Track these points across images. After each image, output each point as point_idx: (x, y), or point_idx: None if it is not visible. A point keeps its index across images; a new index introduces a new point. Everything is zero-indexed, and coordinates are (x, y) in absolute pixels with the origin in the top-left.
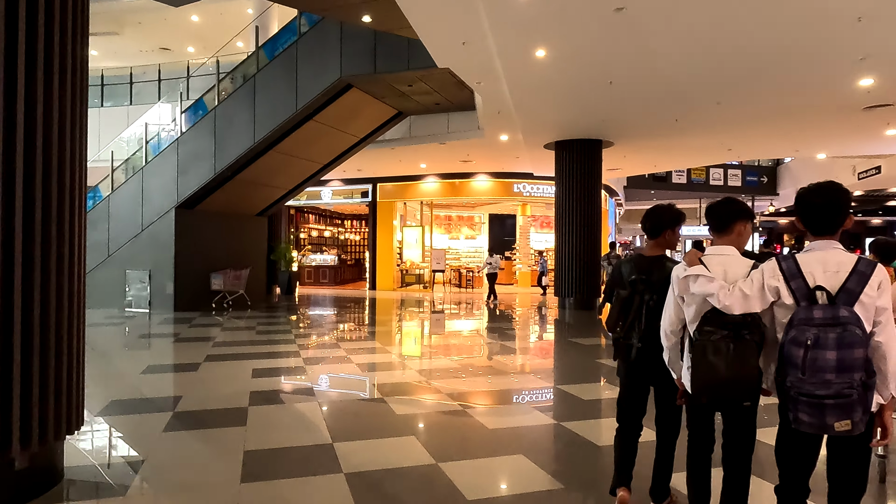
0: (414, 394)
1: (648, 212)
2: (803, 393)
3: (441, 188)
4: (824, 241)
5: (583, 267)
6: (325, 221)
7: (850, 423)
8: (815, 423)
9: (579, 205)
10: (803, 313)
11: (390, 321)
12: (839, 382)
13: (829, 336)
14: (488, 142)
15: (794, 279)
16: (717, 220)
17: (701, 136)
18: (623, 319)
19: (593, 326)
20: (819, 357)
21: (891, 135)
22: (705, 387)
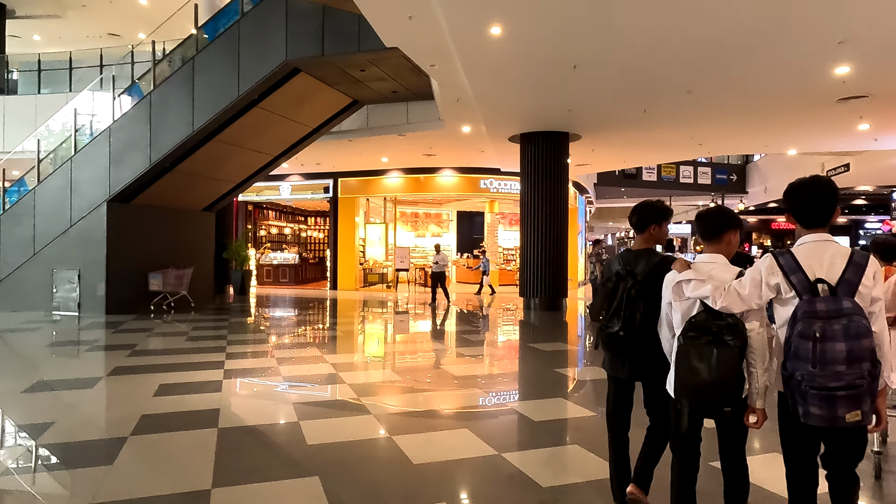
0: (338, 415)
1: (635, 207)
2: (815, 386)
3: (405, 183)
4: (817, 233)
5: (549, 266)
6: (287, 218)
7: (861, 413)
8: (825, 416)
9: (545, 201)
10: (807, 306)
11: (337, 325)
12: (850, 374)
13: (835, 328)
14: (450, 134)
15: (795, 273)
16: (708, 229)
17: (671, 129)
18: (606, 308)
19: (558, 329)
20: (829, 349)
21: (863, 130)
22: (687, 390)
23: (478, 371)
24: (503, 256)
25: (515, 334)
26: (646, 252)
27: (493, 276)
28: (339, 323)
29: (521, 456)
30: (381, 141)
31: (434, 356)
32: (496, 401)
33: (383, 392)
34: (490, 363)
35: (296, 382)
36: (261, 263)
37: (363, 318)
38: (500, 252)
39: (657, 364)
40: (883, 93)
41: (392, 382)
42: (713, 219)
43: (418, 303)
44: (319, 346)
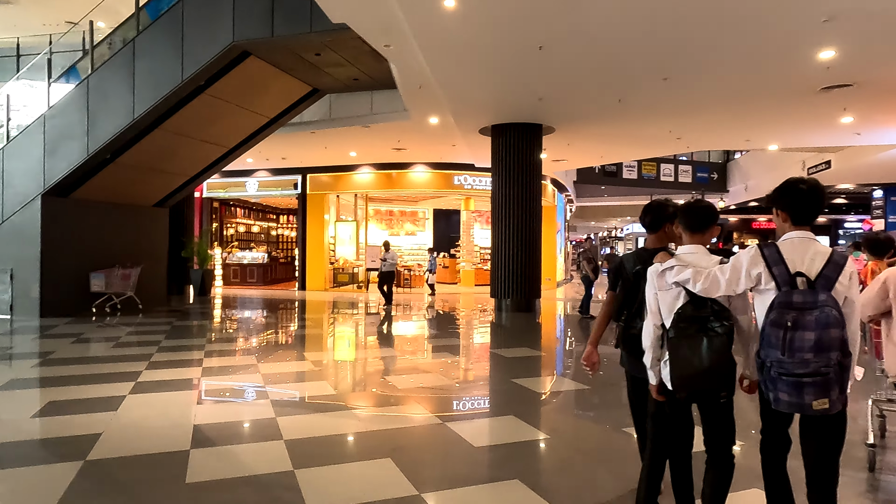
0: (240, 440)
1: (647, 207)
2: (783, 372)
3: (376, 179)
4: (801, 231)
5: (521, 265)
6: (256, 216)
7: (828, 401)
8: (793, 402)
9: (518, 197)
10: (783, 297)
11: (287, 330)
12: (817, 361)
13: (807, 318)
14: (418, 126)
15: (777, 265)
16: (697, 222)
17: (648, 122)
18: (628, 308)
19: (529, 332)
20: (797, 337)
21: (846, 123)
22: (683, 380)
23: (425, 383)
24: (480, 256)
25: (480, 338)
26: (661, 251)
27: (469, 276)
28: (290, 327)
29: (446, 497)
30: (345, 133)
31: (382, 365)
32: (435, 420)
33: (309, 410)
34: (442, 373)
35: (212, 397)
36: (227, 263)
37: (318, 322)
38: (476, 251)
39: None
40: (869, 81)
41: (323, 398)
42: (702, 213)
43: (396, 303)
44: (258, 353)
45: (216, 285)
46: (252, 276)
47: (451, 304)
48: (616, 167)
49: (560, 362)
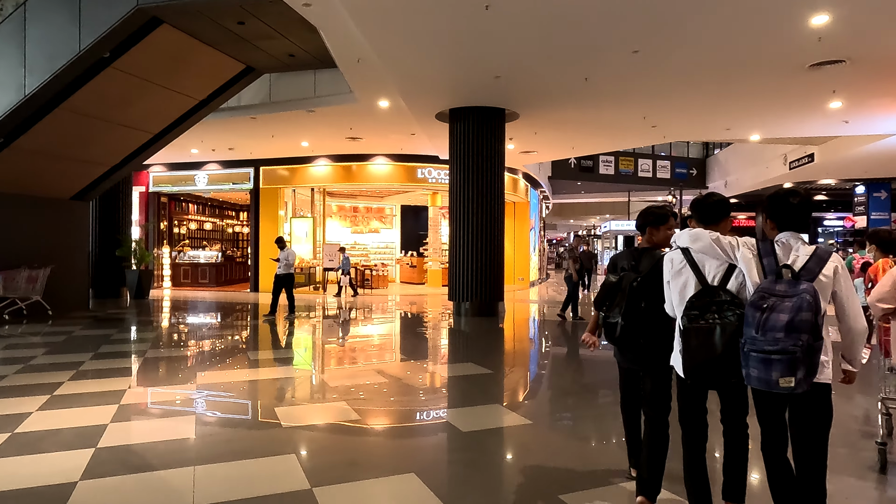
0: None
1: (640, 212)
2: (754, 349)
3: (334, 173)
4: (790, 233)
5: (483, 265)
6: (211, 212)
7: (793, 380)
8: (762, 378)
9: (478, 189)
10: (767, 284)
11: (210, 337)
12: (786, 341)
13: (785, 303)
14: (367, 111)
15: (767, 257)
16: (709, 215)
17: (620, 106)
18: (610, 300)
19: (485, 340)
20: (772, 318)
21: (834, 109)
22: (696, 366)
23: (313, 417)
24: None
25: (419, 351)
26: (649, 249)
27: (436, 276)
28: (204, 337)
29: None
30: (290, 119)
31: (277, 390)
32: (302, 485)
33: (149, 457)
34: (347, 398)
35: (17, 448)
36: (178, 262)
37: (243, 330)
38: (444, 249)
39: (657, 355)
40: (863, 57)
41: (172, 443)
42: (711, 206)
43: (340, 308)
44: (145, 369)
45: (163, 287)
46: (204, 276)
47: (406, 306)
48: (592, 162)
49: (508, 385)
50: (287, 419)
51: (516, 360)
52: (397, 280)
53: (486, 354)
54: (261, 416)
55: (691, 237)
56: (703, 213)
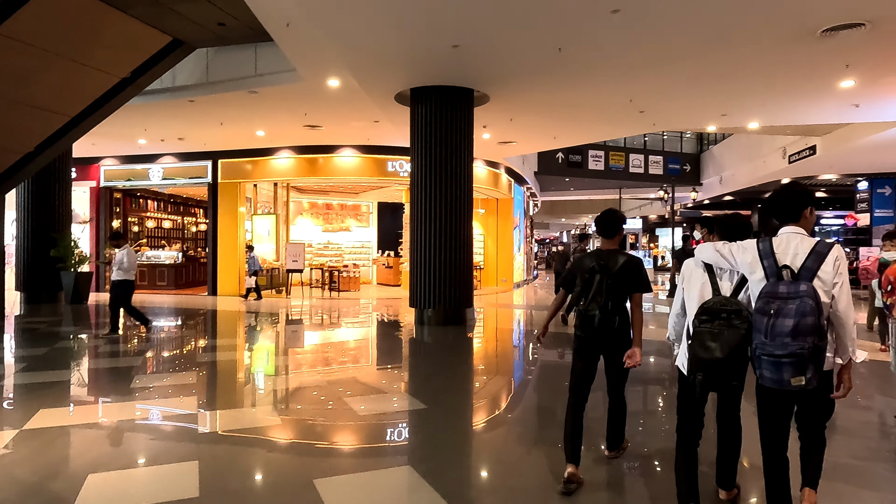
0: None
1: (602, 218)
2: (764, 353)
3: (297, 166)
4: (790, 227)
5: (449, 267)
6: (172, 209)
7: (804, 379)
8: (775, 379)
9: (444, 182)
10: (770, 288)
11: (101, 358)
12: (794, 345)
13: (789, 306)
14: (317, 92)
15: (767, 258)
16: (736, 234)
17: (601, 86)
18: (585, 296)
19: (440, 360)
20: (779, 324)
21: (845, 88)
22: (702, 366)
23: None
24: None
25: (346, 373)
26: (615, 252)
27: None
28: (112, 352)
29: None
30: (232, 102)
31: (108, 438)
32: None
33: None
34: (206, 449)
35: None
36: None
37: (179, 342)
38: None
39: (621, 340)
40: (885, 18)
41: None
42: (735, 227)
43: (317, 312)
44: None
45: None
46: (163, 278)
47: (366, 313)
48: (581, 157)
49: (437, 440)
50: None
51: (470, 388)
52: (374, 282)
53: (434, 377)
54: None
55: (703, 250)
56: (724, 233)
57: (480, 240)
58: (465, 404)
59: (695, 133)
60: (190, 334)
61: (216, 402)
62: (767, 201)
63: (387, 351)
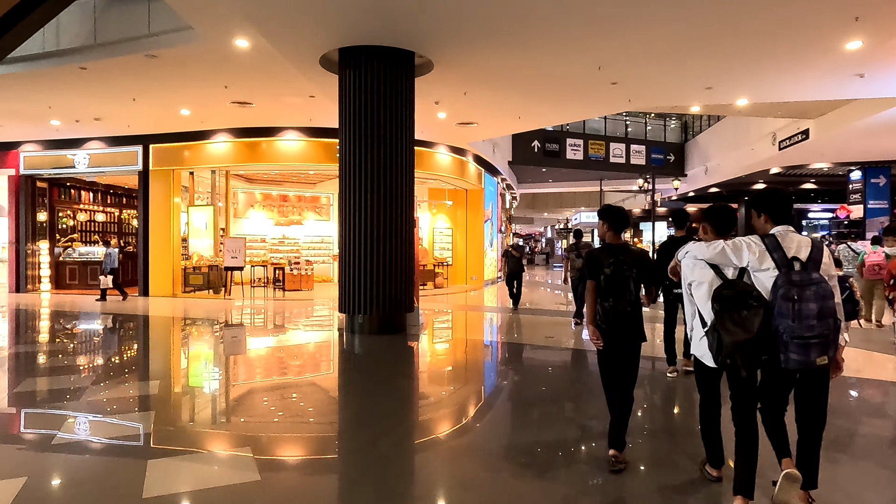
0: None
1: (608, 213)
2: (794, 336)
3: (236, 151)
4: (785, 226)
5: (385, 266)
6: (108, 200)
7: (827, 358)
8: (802, 360)
9: (380, 165)
10: (786, 276)
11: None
12: (820, 326)
13: (807, 292)
14: (227, 56)
15: (776, 251)
16: (726, 224)
17: (564, 49)
18: (614, 291)
19: (385, 371)
20: (804, 308)
21: (852, 50)
22: (733, 347)
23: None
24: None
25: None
26: (625, 245)
27: None
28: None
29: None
30: (133, 70)
31: None
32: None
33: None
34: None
35: None
36: (63, 260)
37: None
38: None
39: (639, 333)
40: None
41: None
42: (728, 215)
43: (218, 318)
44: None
45: (39, 289)
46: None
47: (290, 317)
48: (558, 146)
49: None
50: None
51: (360, 441)
52: (335, 279)
53: (307, 421)
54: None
55: (702, 248)
56: (718, 223)
57: (448, 234)
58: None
59: (679, 121)
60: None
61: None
62: (765, 201)
63: (284, 369)
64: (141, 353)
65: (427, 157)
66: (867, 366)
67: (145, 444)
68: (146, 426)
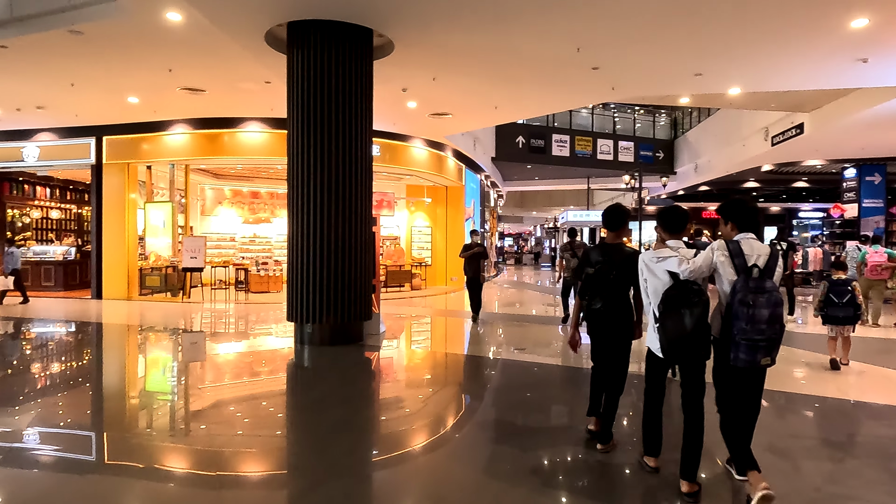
0: None
1: (607, 211)
2: (745, 338)
3: (195, 144)
4: (747, 234)
5: (339, 269)
6: (70, 196)
7: (770, 359)
8: (748, 360)
9: (332, 156)
10: (744, 282)
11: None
12: (769, 330)
13: (760, 299)
14: (160, 32)
15: (738, 257)
16: (677, 225)
17: (536, 27)
18: (591, 290)
19: (331, 390)
20: (757, 313)
21: (856, 28)
22: (673, 343)
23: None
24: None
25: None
26: (619, 245)
27: None
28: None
29: None
30: (60, 48)
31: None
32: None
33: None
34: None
35: None
36: None
37: None
38: None
39: (625, 331)
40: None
41: None
42: (680, 217)
43: (160, 324)
44: None
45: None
46: (49, 278)
47: (263, 320)
48: (544, 141)
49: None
50: None
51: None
52: None
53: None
54: None
55: (663, 256)
56: (667, 223)
57: (428, 233)
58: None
59: (669, 117)
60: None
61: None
62: (732, 209)
63: (204, 390)
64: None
65: (401, 152)
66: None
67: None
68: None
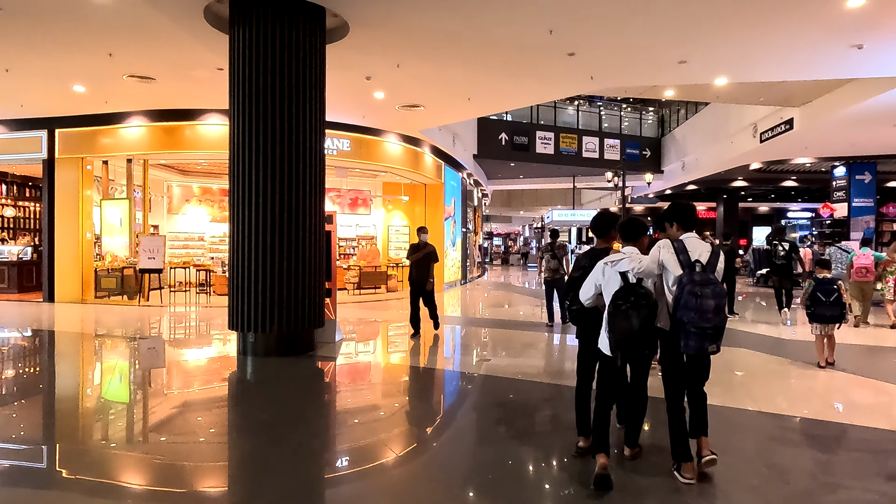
0: None
1: (595, 218)
2: (695, 327)
3: (152, 137)
4: (691, 233)
5: (287, 272)
6: (28, 192)
7: (717, 346)
8: (697, 347)
9: (279, 148)
10: (689, 276)
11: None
12: (716, 319)
13: (706, 290)
14: (87, 8)
15: (682, 254)
16: (633, 234)
17: (508, 6)
18: (572, 292)
19: (263, 411)
20: (705, 304)
21: (851, 9)
22: (620, 342)
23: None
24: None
25: None
26: (607, 250)
27: None
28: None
29: None
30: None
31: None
32: None
33: None
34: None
35: None
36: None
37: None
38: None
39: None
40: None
41: None
42: (634, 226)
43: (96, 330)
44: None
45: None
46: (3, 279)
47: (217, 325)
48: (527, 138)
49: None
50: None
51: None
52: None
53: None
54: None
55: (615, 260)
56: (626, 233)
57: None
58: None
59: (656, 115)
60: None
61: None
62: (675, 212)
63: (125, 407)
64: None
65: (374, 147)
66: None
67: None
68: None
